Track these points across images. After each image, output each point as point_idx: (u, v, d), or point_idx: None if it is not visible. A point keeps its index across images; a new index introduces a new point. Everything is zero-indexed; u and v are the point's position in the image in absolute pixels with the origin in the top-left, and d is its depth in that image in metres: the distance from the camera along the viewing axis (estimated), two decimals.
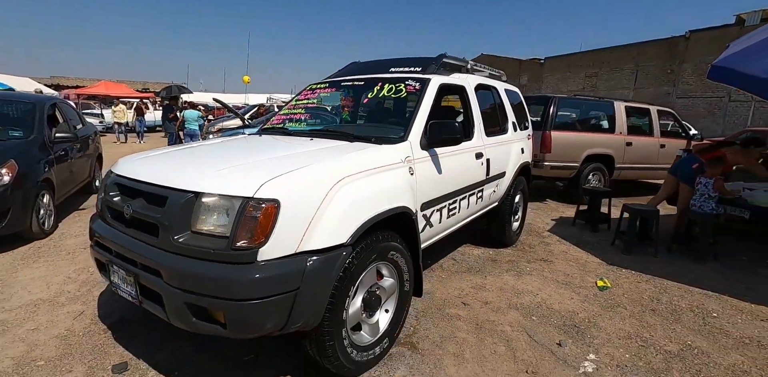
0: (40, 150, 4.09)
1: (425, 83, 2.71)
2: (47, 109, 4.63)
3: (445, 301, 2.93)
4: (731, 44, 4.17)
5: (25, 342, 2.30)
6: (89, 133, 5.98)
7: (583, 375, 2.14)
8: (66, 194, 4.73)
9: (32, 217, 3.73)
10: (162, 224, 1.67)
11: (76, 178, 5.05)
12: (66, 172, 4.63)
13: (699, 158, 4.32)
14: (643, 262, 3.90)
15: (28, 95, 5.91)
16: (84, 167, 5.44)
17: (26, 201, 3.63)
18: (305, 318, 1.66)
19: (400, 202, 2.11)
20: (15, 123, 4.35)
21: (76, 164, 5.01)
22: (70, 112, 5.69)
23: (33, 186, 3.73)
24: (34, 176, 3.79)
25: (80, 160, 5.23)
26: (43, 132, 4.28)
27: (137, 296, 1.81)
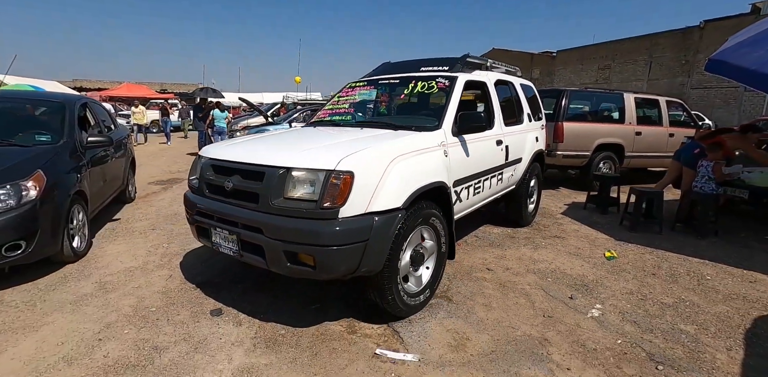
0: (71, 157, 3.52)
1: (453, 80, 3.19)
2: (77, 109, 4.05)
3: (471, 267, 3.42)
4: (730, 38, 4.52)
5: (134, 296, 2.86)
6: (122, 136, 5.42)
7: (590, 318, 2.61)
8: (100, 206, 4.20)
9: (64, 238, 3.14)
10: (262, 193, 2.18)
11: (110, 187, 4.51)
12: (100, 181, 4.09)
13: (700, 144, 4.70)
14: (648, 238, 4.31)
15: (56, 94, 5.40)
16: (118, 174, 4.89)
17: (57, 220, 3.05)
18: (371, 264, 2.17)
19: (438, 178, 2.60)
20: (42, 126, 3.87)
21: (110, 172, 4.48)
22: (102, 112, 5.16)
23: (65, 201, 3.14)
24: (66, 188, 3.21)
25: (114, 166, 4.70)
26: (73, 136, 3.70)
27: (238, 250, 2.34)
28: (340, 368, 2.07)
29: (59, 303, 2.74)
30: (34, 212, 2.88)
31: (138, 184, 6.99)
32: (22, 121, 3.99)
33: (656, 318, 2.62)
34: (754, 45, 3.79)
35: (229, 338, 2.33)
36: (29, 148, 3.36)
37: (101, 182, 4.15)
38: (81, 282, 3.06)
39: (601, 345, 2.30)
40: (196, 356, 2.16)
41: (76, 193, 3.38)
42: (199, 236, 2.68)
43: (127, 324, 2.47)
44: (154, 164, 9.60)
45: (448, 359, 2.15)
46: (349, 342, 2.31)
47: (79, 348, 2.22)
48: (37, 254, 2.94)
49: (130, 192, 5.60)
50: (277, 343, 2.28)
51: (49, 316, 2.56)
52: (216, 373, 2.02)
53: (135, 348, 2.22)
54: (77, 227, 3.44)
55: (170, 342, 2.29)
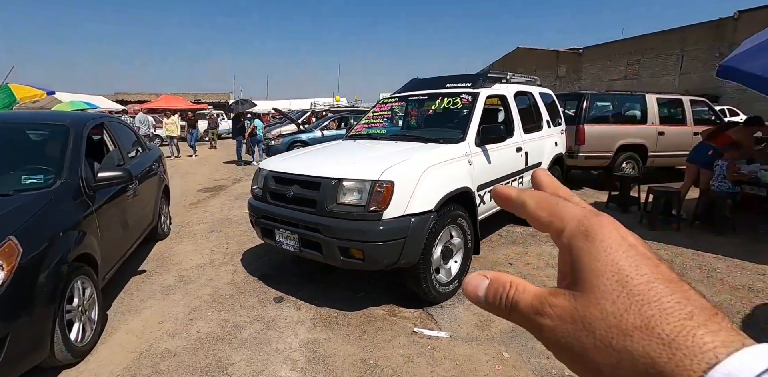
0: (72, 205, 2.55)
1: (476, 96, 3.61)
2: (85, 134, 3.07)
3: (495, 262, 3.81)
4: (743, 42, 4.72)
5: (209, 286, 3.43)
6: (152, 159, 4.46)
7: None
8: (119, 261, 3.18)
9: (54, 335, 2.12)
10: (318, 199, 2.68)
11: (134, 232, 3.50)
12: (118, 229, 3.12)
13: (712, 146, 4.91)
14: (666, 236, 4.56)
15: (61, 114, 4.08)
16: (146, 211, 3.90)
17: (43, 309, 2.06)
18: (409, 257, 2.62)
19: (464, 184, 3.03)
20: (37, 159, 2.87)
21: (134, 211, 3.50)
22: (125, 132, 4.18)
23: (57, 276, 2.15)
24: (59, 256, 2.20)
25: (141, 202, 3.70)
26: (78, 173, 2.71)
27: (299, 247, 2.85)
28: (386, 342, 2.53)
29: (150, 292, 3.34)
30: None
31: (188, 191, 7.76)
32: (8, 155, 2.91)
33: None
34: (763, 50, 4.01)
35: (292, 319, 2.84)
36: (9, 198, 2.34)
37: (120, 229, 3.16)
38: (164, 276, 3.66)
39: None
40: (268, 332, 2.68)
41: (78, 258, 2.39)
42: (263, 236, 3.22)
43: (209, 308, 3.03)
44: (198, 172, 10.41)
45: (475, 335, 2.57)
46: (391, 322, 2.77)
47: (176, 326, 2.78)
48: (13, 364, 1.92)
49: (164, 226, 4.60)
50: (332, 323, 2.78)
51: (146, 302, 3.16)
52: (287, 345, 2.52)
53: (220, 326, 2.76)
54: (80, 310, 2.40)
55: (246, 321, 2.82)
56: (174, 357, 2.41)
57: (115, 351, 2.49)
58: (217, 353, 2.45)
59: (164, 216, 4.74)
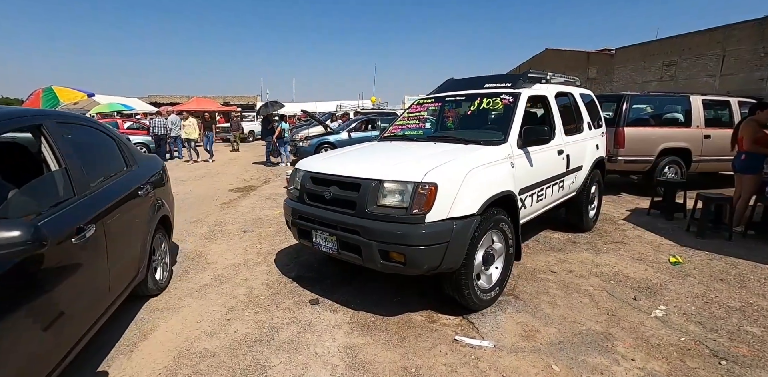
0: None
1: (517, 97, 3.49)
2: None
3: (535, 269, 3.67)
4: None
5: (245, 286, 3.43)
6: (140, 180, 3.02)
7: (654, 318, 2.79)
8: None
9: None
10: (358, 201, 2.63)
11: (98, 302, 2.18)
12: (53, 307, 1.72)
13: (741, 151, 4.62)
14: (717, 245, 4.29)
15: None
16: (125, 264, 2.53)
17: None
18: (451, 261, 2.53)
19: (506, 187, 2.92)
20: None
21: (97, 271, 2.16)
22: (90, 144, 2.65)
23: None
24: None
25: (120, 245, 2.45)
26: None
27: (337, 249, 2.80)
28: (427, 349, 2.44)
29: (187, 290, 3.36)
30: None
31: (219, 191, 7.89)
32: None
33: (721, 320, 2.74)
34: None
35: (329, 322, 2.79)
36: None
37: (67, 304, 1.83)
38: (200, 274, 3.69)
39: (665, 342, 2.49)
40: (306, 335, 2.64)
41: None
42: (299, 237, 3.19)
43: (245, 309, 3.02)
44: (228, 172, 10.60)
45: (521, 346, 2.45)
46: (430, 329, 2.68)
47: (214, 325, 2.78)
48: None
49: (160, 277, 3.25)
50: (370, 328, 2.71)
51: (183, 300, 3.18)
52: (325, 349, 2.47)
53: (257, 327, 2.74)
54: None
55: (283, 323, 2.79)
56: (213, 358, 2.40)
57: (155, 350, 2.50)
58: (255, 355, 2.42)
59: (160, 261, 3.24)
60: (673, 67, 25.46)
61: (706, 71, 23.83)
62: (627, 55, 27.99)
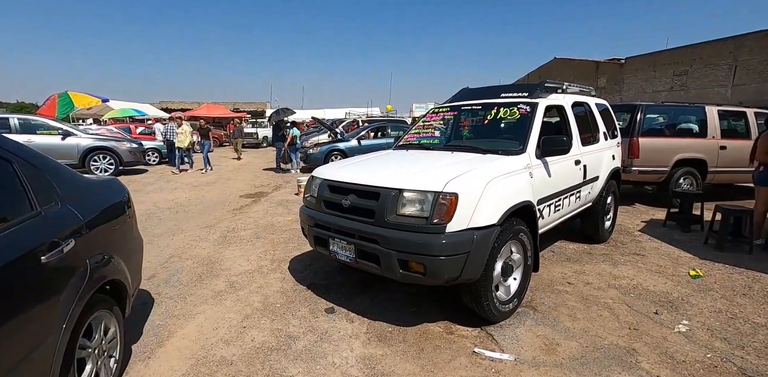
0: None
1: (535, 106, 3.48)
2: None
3: (552, 281, 3.62)
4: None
5: (260, 293, 3.42)
6: (64, 227, 1.89)
7: (677, 333, 2.73)
8: None
9: None
10: (377, 210, 2.62)
11: None
12: None
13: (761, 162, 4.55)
14: (737, 258, 4.21)
15: None
16: None
17: None
18: (471, 272, 2.50)
19: (526, 197, 2.89)
20: None
21: None
22: None
23: None
24: None
25: None
26: None
27: (354, 258, 2.79)
28: (446, 361, 2.41)
29: (203, 297, 3.36)
30: None
31: (230, 197, 7.93)
32: None
33: (748, 336, 2.67)
34: None
35: (346, 332, 2.77)
36: None
37: None
38: (214, 281, 3.69)
39: (690, 358, 2.43)
40: (323, 344, 2.61)
41: None
42: (316, 245, 3.18)
43: (261, 316, 3.00)
44: (238, 178, 10.67)
45: (542, 360, 2.41)
46: (449, 340, 2.65)
47: (231, 333, 2.77)
48: None
49: None
50: (387, 338, 2.68)
51: (199, 307, 3.18)
52: (343, 359, 2.45)
53: (273, 336, 2.72)
54: None
55: (299, 332, 2.77)
56: (231, 366, 2.39)
57: (172, 357, 2.49)
58: (273, 364, 2.40)
59: (99, 356, 2.05)
60: (684, 77, 25.37)
61: (718, 81, 23.71)
62: (637, 65, 27.97)
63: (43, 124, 10.15)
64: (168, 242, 4.86)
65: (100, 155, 10.46)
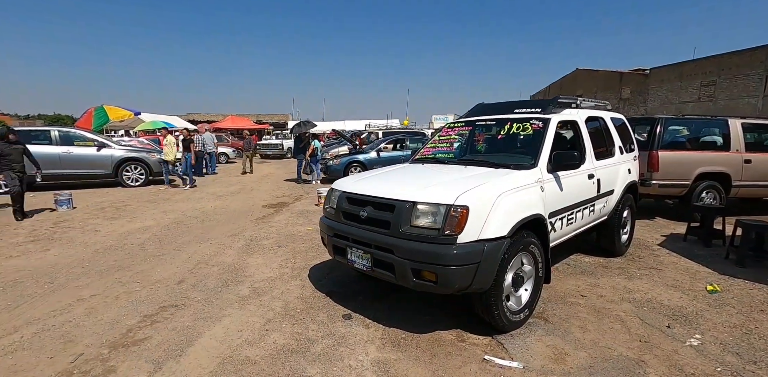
0: None
1: (547, 122, 3.59)
2: None
3: (565, 293, 3.67)
4: None
5: (281, 299, 3.61)
6: None
7: (689, 347, 2.75)
8: None
9: None
10: (392, 221, 2.78)
11: None
12: None
13: None
14: (758, 274, 4.14)
15: None
16: None
17: None
18: (481, 282, 2.62)
19: (536, 210, 3.00)
20: None
21: None
22: None
23: None
24: None
25: None
26: None
27: (370, 266, 2.94)
28: (456, 367, 2.51)
29: (228, 301, 3.57)
30: None
31: (254, 207, 8.23)
32: None
33: (761, 352, 2.68)
34: None
35: (362, 337, 2.91)
36: None
37: None
38: (239, 287, 3.90)
39: (700, 371, 2.46)
40: (340, 348, 2.76)
41: None
42: (335, 253, 3.35)
43: (282, 321, 3.18)
44: (261, 188, 11.02)
45: (550, 368, 2.48)
46: (460, 348, 2.75)
47: (254, 335, 2.95)
48: None
49: None
50: (401, 344, 2.81)
51: (225, 310, 3.38)
52: (359, 362, 2.59)
53: (294, 339, 2.89)
54: None
55: (318, 336, 2.93)
56: (254, 365, 2.56)
57: (201, 355, 2.69)
58: (293, 364, 2.56)
59: None
60: (711, 88, 24.78)
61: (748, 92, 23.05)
62: (662, 75, 27.49)
63: (80, 136, 10.80)
64: (195, 250, 5.13)
65: (132, 165, 11.05)
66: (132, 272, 4.31)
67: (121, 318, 3.23)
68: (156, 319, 3.22)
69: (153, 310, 3.38)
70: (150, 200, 8.93)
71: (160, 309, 3.42)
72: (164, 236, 5.78)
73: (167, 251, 5.09)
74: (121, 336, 2.95)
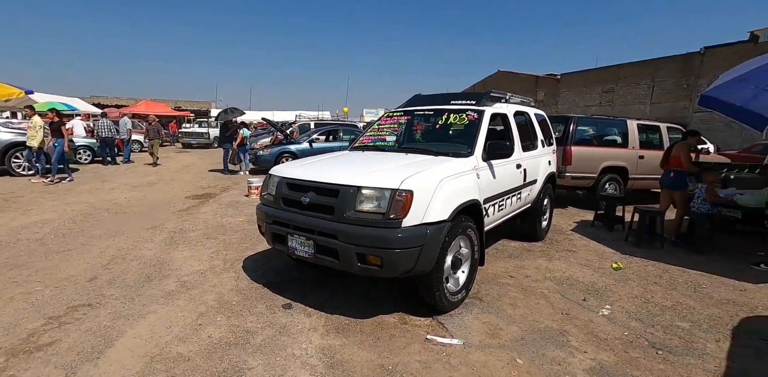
0: None
1: (482, 114, 3.78)
2: None
3: (496, 275, 3.92)
4: (721, 75, 5.11)
5: (213, 292, 3.38)
6: None
7: (601, 316, 3.10)
8: None
9: None
10: (336, 206, 2.74)
11: None
12: None
13: (671, 169, 5.27)
14: (651, 253, 4.80)
15: None
16: None
17: None
18: (424, 264, 2.69)
19: (473, 196, 3.15)
20: None
21: None
22: None
23: None
24: None
25: None
26: None
27: (313, 253, 2.87)
28: (401, 348, 2.56)
29: (152, 297, 3.27)
30: None
31: (175, 198, 7.61)
32: None
33: (657, 317, 3.11)
34: (743, 82, 4.36)
35: (304, 325, 2.84)
36: None
37: None
38: (164, 281, 3.59)
39: (611, 336, 2.79)
40: (282, 338, 2.67)
41: None
42: (273, 241, 3.22)
43: (216, 314, 2.99)
44: (182, 179, 10.22)
45: (487, 343, 2.64)
46: (403, 330, 2.81)
47: (186, 330, 2.73)
48: None
49: None
50: (345, 330, 2.79)
51: (149, 307, 3.09)
52: (303, 350, 2.52)
53: (231, 332, 2.73)
54: None
55: (258, 327, 2.80)
56: (188, 362, 2.37)
57: (124, 356, 2.43)
58: (232, 358, 2.42)
59: None
60: (611, 94, 27.89)
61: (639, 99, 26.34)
62: (570, 81, 30.33)
63: None
64: (109, 244, 4.62)
65: (24, 151, 9.57)
66: (30, 270, 3.75)
67: (20, 322, 2.80)
68: (65, 321, 2.84)
69: (60, 311, 2.98)
70: (48, 191, 7.83)
71: (70, 309, 3.02)
72: (69, 231, 5.11)
73: (73, 246, 4.51)
74: (22, 342, 2.55)
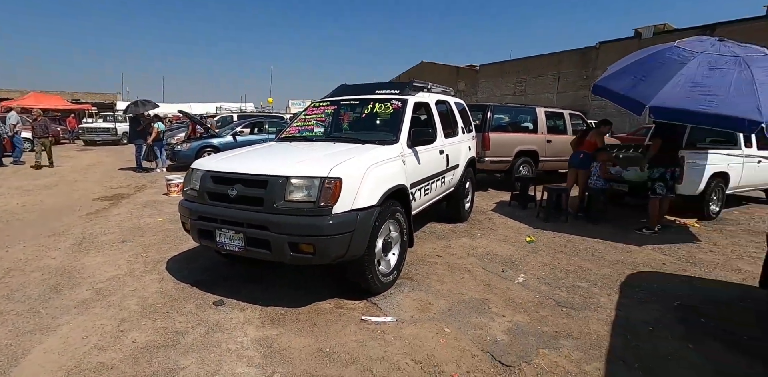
0: None
1: (405, 102, 3.93)
2: None
3: (424, 255, 4.16)
4: (609, 67, 5.80)
5: (135, 296, 3.18)
6: None
7: (517, 283, 3.46)
8: None
9: None
10: (266, 197, 2.71)
11: None
12: None
13: (581, 151, 5.96)
14: (558, 226, 5.39)
15: None
16: None
17: None
18: (356, 249, 2.79)
19: (400, 181, 3.30)
20: None
21: None
22: None
23: None
24: None
25: None
26: None
27: (243, 246, 2.82)
28: (337, 331, 2.65)
29: (62, 307, 2.99)
30: None
31: (81, 200, 6.89)
32: None
33: (562, 280, 3.55)
34: (625, 73, 5.01)
35: (238, 320, 2.80)
36: None
37: None
38: (74, 290, 3.29)
39: (525, 300, 3.13)
40: (215, 334, 2.61)
41: None
42: (200, 238, 3.09)
43: (141, 318, 2.83)
44: (88, 180, 9.24)
45: (418, 317, 2.83)
46: (339, 314, 2.90)
47: (106, 339, 2.56)
48: None
49: None
50: (281, 319, 2.81)
51: (60, 319, 2.82)
52: (238, 344, 2.50)
53: (158, 334, 2.61)
54: None
55: (187, 327, 2.71)
56: (111, 370, 2.24)
57: (35, 372, 2.22)
58: (161, 360, 2.33)
59: None
60: (523, 84, 30.05)
61: (547, 89, 28.72)
62: (489, 72, 32.12)
63: None
64: (1, 255, 4.08)
65: None
66: None
67: None
68: None
69: None
70: None
71: None
72: None
73: None
74: None
